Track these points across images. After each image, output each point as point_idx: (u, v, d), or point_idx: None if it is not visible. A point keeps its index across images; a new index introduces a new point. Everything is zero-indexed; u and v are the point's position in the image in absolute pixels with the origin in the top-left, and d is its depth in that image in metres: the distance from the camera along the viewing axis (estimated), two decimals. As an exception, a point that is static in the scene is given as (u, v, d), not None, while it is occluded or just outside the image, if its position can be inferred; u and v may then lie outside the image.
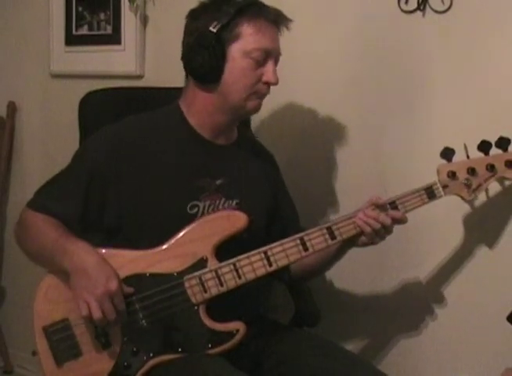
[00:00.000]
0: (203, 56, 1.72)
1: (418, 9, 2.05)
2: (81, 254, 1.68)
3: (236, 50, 1.74)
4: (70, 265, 1.67)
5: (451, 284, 2.09)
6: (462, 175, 1.77)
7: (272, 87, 1.79)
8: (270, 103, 1.86)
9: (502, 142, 1.77)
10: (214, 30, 1.71)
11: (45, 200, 1.80)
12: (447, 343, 2.11)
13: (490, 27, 1.96)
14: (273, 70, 1.77)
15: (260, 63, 1.76)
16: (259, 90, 1.78)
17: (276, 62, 1.79)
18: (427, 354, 2.15)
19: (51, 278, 1.75)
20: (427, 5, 2.03)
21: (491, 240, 2.01)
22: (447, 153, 1.76)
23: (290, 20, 1.79)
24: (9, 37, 3.01)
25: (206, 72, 1.74)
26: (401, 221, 1.76)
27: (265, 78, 1.77)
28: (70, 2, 2.78)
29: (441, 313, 2.12)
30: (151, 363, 1.70)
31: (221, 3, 1.75)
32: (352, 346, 1.89)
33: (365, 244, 1.78)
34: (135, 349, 1.70)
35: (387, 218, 1.73)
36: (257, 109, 1.82)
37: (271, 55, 1.77)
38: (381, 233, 1.74)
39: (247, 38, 1.74)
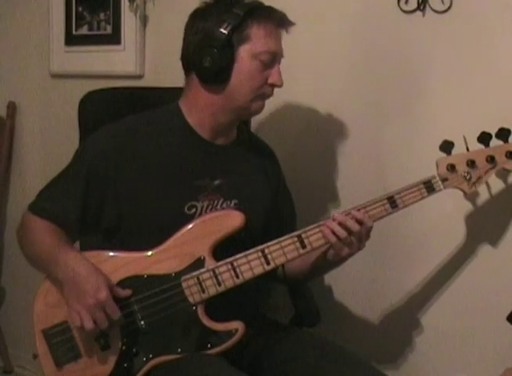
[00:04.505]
0: (213, 56, 1.71)
1: (418, 9, 2.04)
2: (71, 265, 1.68)
3: (244, 52, 1.74)
4: (62, 276, 1.69)
5: (451, 284, 2.08)
6: (461, 167, 1.74)
7: (272, 85, 1.80)
8: (270, 102, 1.85)
9: (502, 133, 1.74)
10: (225, 32, 1.71)
11: (45, 202, 1.81)
12: (447, 343, 2.11)
13: (490, 27, 1.96)
14: (279, 73, 1.78)
15: (267, 66, 1.76)
16: (264, 92, 1.79)
17: (279, 64, 1.79)
18: (427, 354, 2.15)
19: (51, 281, 1.75)
20: (427, 5, 2.02)
21: (491, 240, 2.00)
22: (446, 146, 1.73)
23: (293, 24, 1.80)
24: (9, 37, 3.01)
25: (214, 72, 1.73)
26: (362, 222, 1.69)
27: (270, 80, 1.77)
28: (70, 2, 2.78)
29: (441, 313, 2.11)
30: (151, 363, 1.70)
31: (229, 4, 1.74)
32: (352, 346, 1.88)
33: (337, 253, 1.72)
34: (134, 351, 1.70)
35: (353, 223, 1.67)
36: (260, 110, 1.83)
37: (277, 57, 1.78)
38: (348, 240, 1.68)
39: (257, 41, 1.74)
